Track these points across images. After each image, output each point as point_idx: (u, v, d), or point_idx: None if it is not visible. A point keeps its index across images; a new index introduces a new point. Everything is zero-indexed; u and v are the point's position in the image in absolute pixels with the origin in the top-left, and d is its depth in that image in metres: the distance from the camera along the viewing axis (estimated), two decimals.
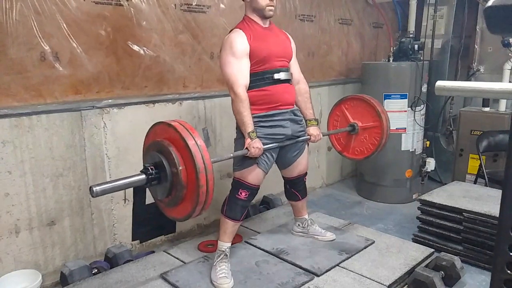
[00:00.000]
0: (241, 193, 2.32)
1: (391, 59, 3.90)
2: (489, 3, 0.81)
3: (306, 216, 2.79)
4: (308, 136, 2.53)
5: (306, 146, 2.59)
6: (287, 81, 2.41)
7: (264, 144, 2.26)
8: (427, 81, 3.97)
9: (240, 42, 2.22)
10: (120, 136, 2.75)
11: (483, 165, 3.40)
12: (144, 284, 2.27)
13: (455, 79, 4.36)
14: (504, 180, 0.90)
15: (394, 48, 3.95)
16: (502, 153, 3.56)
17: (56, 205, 2.53)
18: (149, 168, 1.77)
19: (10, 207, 2.35)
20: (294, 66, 2.53)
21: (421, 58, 3.86)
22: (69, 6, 2.43)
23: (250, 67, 2.25)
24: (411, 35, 4.02)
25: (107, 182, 1.74)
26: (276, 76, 2.32)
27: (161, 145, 1.78)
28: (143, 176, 1.76)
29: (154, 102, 2.89)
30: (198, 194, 1.70)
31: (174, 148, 1.73)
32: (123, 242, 2.87)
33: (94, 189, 1.65)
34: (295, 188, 2.65)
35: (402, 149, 3.91)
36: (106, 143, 2.69)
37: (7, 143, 2.30)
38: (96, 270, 2.50)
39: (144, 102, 2.84)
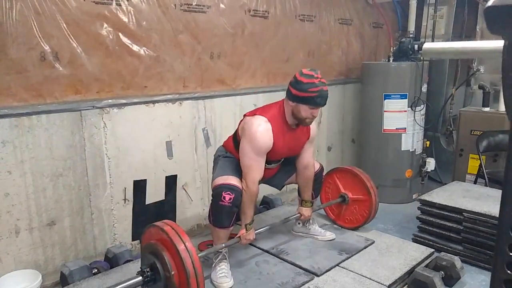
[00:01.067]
0: (224, 197, 2.18)
1: (391, 59, 3.90)
2: (489, 3, 0.81)
3: None
4: (298, 214, 2.66)
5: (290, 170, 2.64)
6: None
7: None
8: (427, 81, 3.97)
9: (265, 142, 2.21)
10: (120, 136, 2.74)
11: (483, 165, 3.40)
12: None
13: (455, 79, 4.36)
14: (504, 180, 0.90)
15: (394, 48, 3.95)
16: (502, 153, 3.56)
17: (56, 205, 2.53)
18: (145, 270, 1.89)
19: (10, 207, 2.35)
20: (307, 151, 2.53)
21: (421, 58, 3.86)
22: (69, 6, 2.43)
23: None
24: (411, 35, 4.03)
25: None
26: (268, 166, 2.38)
27: (155, 248, 1.89)
28: (140, 278, 1.88)
29: (154, 102, 2.89)
30: None
31: (167, 252, 1.84)
32: (123, 242, 2.87)
33: None
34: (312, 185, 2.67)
35: (402, 149, 3.91)
36: (106, 143, 2.69)
37: (7, 143, 2.29)
38: (96, 270, 2.50)
39: (144, 102, 2.84)
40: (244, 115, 2.36)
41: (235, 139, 2.40)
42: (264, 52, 3.56)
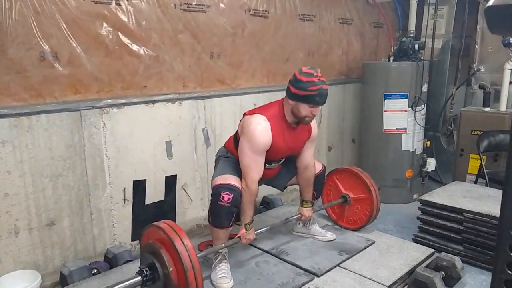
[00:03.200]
0: (223, 197, 2.17)
1: (391, 58, 3.90)
2: (490, 3, 0.80)
3: None
4: (299, 215, 2.65)
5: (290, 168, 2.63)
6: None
7: None
8: (427, 81, 3.97)
9: (263, 140, 2.20)
10: (119, 136, 2.74)
11: (483, 165, 3.39)
12: None
13: (456, 79, 4.35)
14: (505, 180, 0.90)
15: (395, 47, 3.94)
16: (503, 153, 3.56)
17: (56, 205, 2.52)
18: (144, 270, 1.89)
19: (9, 207, 2.34)
20: (307, 152, 2.52)
21: (422, 58, 3.86)
22: (69, 5, 2.43)
23: None
24: (411, 35, 4.02)
25: None
26: (268, 166, 2.38)
27: (153, 247, 1.89)
28: (139, 278, 1.88)
29: (153, 102, 2.89)
30: None
31: (164, 250, 1.84)
32: (123, 242, 2.86)
33: None
34: (314, 186, 2.66)
35: (403, 149, 3.91)
36: (105, 143, 2.69)
37: (6, 143, 2.29)
38: (95, 271, 2.49)
39: (143, 102, 2.84)
40: (244, 114, 2.36)
41: (236, 139, 2.39)
42: (264, 52, 3.55)
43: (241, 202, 2.23)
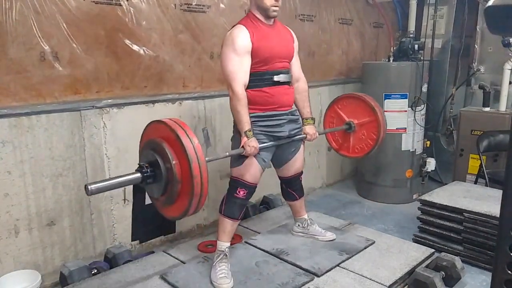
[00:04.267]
0: (239, 192, 2.31)
1: (391, 59, 3.90)
2: (489, 3, 0.80)
3: (306, 216, 2.78)
4: (304, 135, 2.54)
5: (302, 144, 2.59)
6: (287, 83, 2.40)
7: (260, 142, 2.26)
8: (427, 81, 3.97)
9: (242, 39, 2.19)
10: (119, 136, 2.74)
11: (483, 165, 3.39)
12: (143, 285, 2.27)
13: (455, 79, 4.36)
14: (504, 180, 0.90)
15: (394, 48, 3.94)
16: (503, 153, 3.56)
17: (56, 205, 2.52)
18: (144, 166, 1.79)
19: (9, 207, 2.34)
20: (295, 64, 2.51)
21: (421, 58, 3.86)
22: (69, 6, 2.43)
23: (251, 66, 2.24)
24: (411, 35, 4.02)
25: (102, 181, 1.75)
26: (276, 78, 2.31)
27: (154, 143, 1.80)
28: (138, 174, 1.78)
29: (154, 102, 2.89)
30: (193, 186, 1.70)
31: (167, 144, 1.75)
32: (123, 242, 2.86)
33: (89, 187, 1.67)
34: (292, 187, 2.65)
35: (402, 149, 3.91)
36: (105, 143, 2.69)
37: (7, 143, 2.29)
38: (95, 271, 2.49)
39: (143, 102, 2.84)
40: None
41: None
42: None
43: (234, 111, 2.21)
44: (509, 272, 0.89)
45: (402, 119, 3.84)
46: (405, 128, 3.86)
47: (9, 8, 2.23)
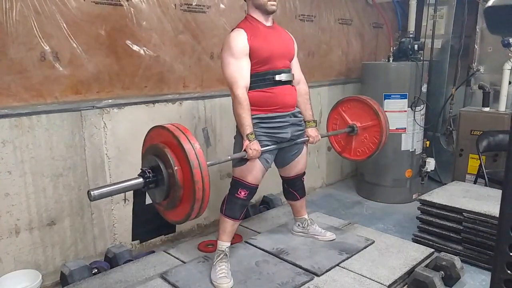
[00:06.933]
0: (240, 192, 2.31)
1: (391, 59, 3.90)
2: (489, 3, 0.81)
3: (306, 216, 2.79)
4: (307, 138, 2.54)
5: (305, 146, 2.59)
6: (289, 82, 2.39)
7: (262, 145, 2.26)
8: (427, 81, 3.97)
9: (239, 41, 2.19)
10: (120, 136, 2.75)
11: (483, 165, 3.40)
12: (144, 284, 2.27)
13: (455, 79, 4.36)
14: (504, 180, 0.90)
15: (394, 48, 3.95)
16: (502, 153, 3.56)
17: (56, 205, 2.53)
18: (146, 171, 1.80)
19: (10, 207, 2.35)
20: (295, 66, 2.51)
21: (421, 58, 3.86)
22: (69, 6, 2.43)
23: (251, 67, 2.24)
24: (411, 35, 4.02)
25: (104, 186, 1.75)
26: (278, 77, 2.30)
27: (156, 148, 1.81)
28: (141, 179, 1.79)
29: (154, 102, 2.89)
30: (195, 191, 1.71)
31: (169, 149, 1.76)
32: (123, 242, 2.87)
33: (92, 193, 1.67)
34: (293, 187, 2.65)
35: (402, 149, 3.91)
36: (106, 143, 2.69)
37: (7, 143, 2.30)
38: (96, 270, 2.50)
39: (144, 102, 2.84)
40: None
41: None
42: None
43: (236, 115, 2.22)
44: (508, 271, 0.90)
45: (401, 119, 3.84)
46: (405, 128, 3.86)
47: (10, 9, 2.23)
